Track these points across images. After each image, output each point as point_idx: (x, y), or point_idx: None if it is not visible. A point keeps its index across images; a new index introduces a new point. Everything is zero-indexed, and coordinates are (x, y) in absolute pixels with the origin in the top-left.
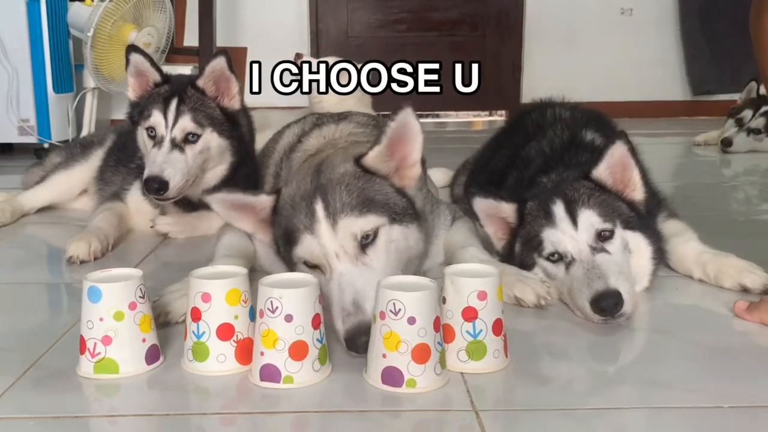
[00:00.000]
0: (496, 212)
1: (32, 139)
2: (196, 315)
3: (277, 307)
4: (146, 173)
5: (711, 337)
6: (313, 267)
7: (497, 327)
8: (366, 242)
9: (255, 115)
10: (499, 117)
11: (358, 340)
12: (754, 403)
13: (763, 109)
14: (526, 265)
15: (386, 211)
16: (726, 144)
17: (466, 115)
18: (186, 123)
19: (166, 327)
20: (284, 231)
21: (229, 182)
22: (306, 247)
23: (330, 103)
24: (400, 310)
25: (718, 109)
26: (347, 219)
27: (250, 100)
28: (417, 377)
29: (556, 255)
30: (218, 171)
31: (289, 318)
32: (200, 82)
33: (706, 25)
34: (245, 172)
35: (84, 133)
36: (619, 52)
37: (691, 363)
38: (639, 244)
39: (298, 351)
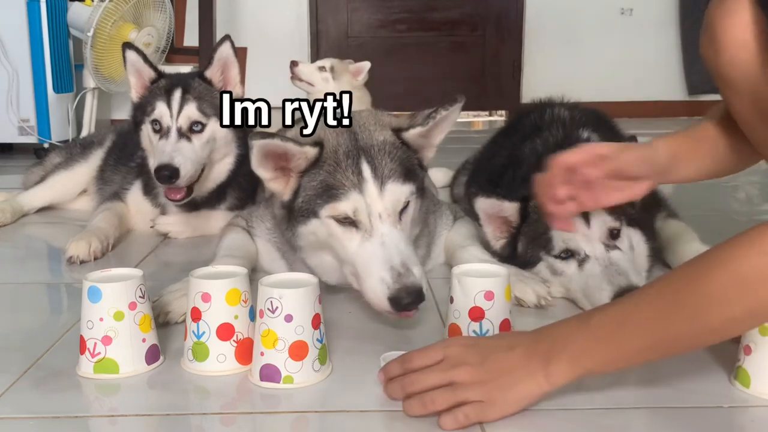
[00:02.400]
0: (498, 212)
1: (32, 139)
2: (196, 315)
3: (277, 307)
4: (156, 163)
5: None
6: (345, 224)
7: (505, 327)
8: (401, 209)
9: None
10: (499, 117)
11: (404, 300)
12: (754, 403)
13: None
14: (529, 263)
15: (416, 182)
16: None
17: (466, 115)
18: (191, 111)
19: (166, 327)
20: (321, 184)
21: (235, 178)
22: (352, 203)
23: None
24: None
25: None
26: (394, 185)
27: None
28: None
29: (567, 252)
30: (225, 164)
31: (289, 318)
32: (209, 73)
33: None
34: (249, 169)
35: (84, 133)
36: (619, 52)
37: (691, 363)
38: (639, 242)
39: (298, 351)
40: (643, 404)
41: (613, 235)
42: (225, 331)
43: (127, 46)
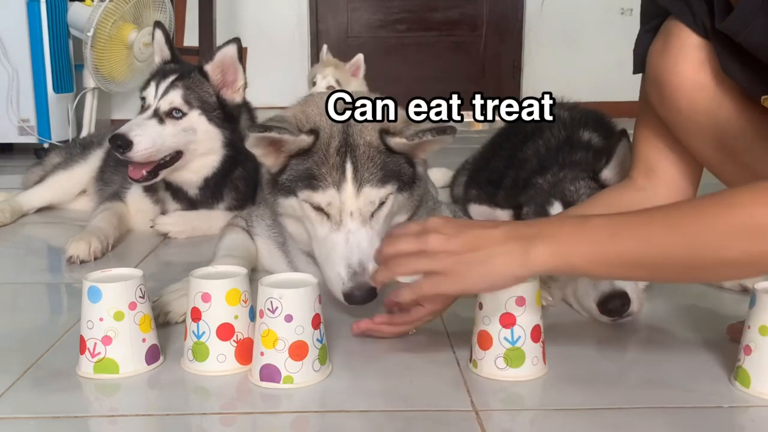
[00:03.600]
0: (491, 218)
1: (32, 139)
2: (196, 315)
3: (277, 307)
4: (116, 131)
5: (711, 336)
6: (318, 210)
7: (536, 333)
8: (375, 208)
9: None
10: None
11: (356, 298)
12: (754, 403)
13: None
14: None
15: (398, 181)
16: None
17: (466, 115)
18: (174, 97)
19: (166, 327)
20: (306, 171)
21: (224, 179)
22: (327, 197)
23: None
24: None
25: None
26: (371, 189)
27: (251, 101)
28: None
29: None
30: (209, 161)
31: (289, 318)
32: (208, 68)
33: None
34: (242, 174)
35: (84, 133)
36: (619, 52)
37: (690, 363)
38: None
39: (298, 351)
40: (643, 404)
41: None
42: (225, 331)
43: (157, 24)
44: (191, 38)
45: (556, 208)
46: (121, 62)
